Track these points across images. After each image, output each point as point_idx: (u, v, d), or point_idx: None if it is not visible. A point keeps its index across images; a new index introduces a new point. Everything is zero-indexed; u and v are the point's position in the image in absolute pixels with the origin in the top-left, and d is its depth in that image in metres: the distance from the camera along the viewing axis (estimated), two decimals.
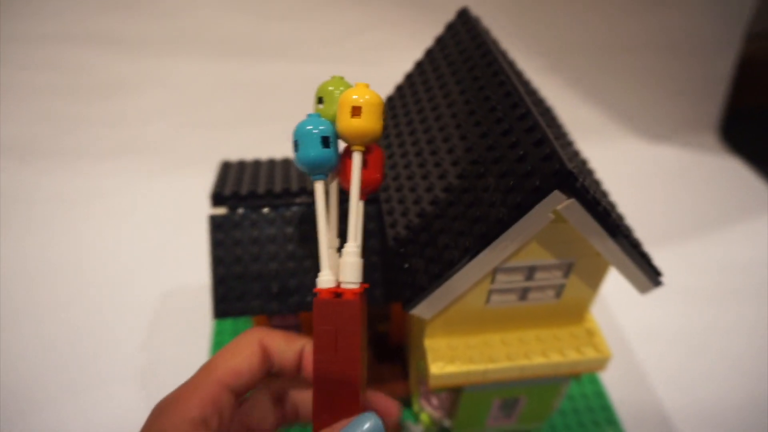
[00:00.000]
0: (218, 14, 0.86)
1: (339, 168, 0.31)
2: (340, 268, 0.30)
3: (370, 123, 0.29)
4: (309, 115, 0.30)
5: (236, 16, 0.85)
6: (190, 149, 0.85)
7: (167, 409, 0.26)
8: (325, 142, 0.29)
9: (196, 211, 0.74)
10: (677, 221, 0.80)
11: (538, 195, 0.29)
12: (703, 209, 0.83)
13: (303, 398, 0.33)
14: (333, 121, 0.30)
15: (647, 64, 1.00)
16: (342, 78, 0.32)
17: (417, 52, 0.50)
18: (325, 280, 0.29)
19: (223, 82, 0.88)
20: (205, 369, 0.28)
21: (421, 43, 0.50)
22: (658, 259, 0.37)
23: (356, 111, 0.28)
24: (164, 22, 0.84)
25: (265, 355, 0.30)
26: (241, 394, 0.29)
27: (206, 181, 0.79)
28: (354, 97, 0.28)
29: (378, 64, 0.90)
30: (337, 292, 0.29)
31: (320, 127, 0.29)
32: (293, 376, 0.31)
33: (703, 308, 0.66)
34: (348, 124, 0.29)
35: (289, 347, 0.31)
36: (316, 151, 0.29)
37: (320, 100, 0.31)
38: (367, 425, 0.26)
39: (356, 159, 0.30)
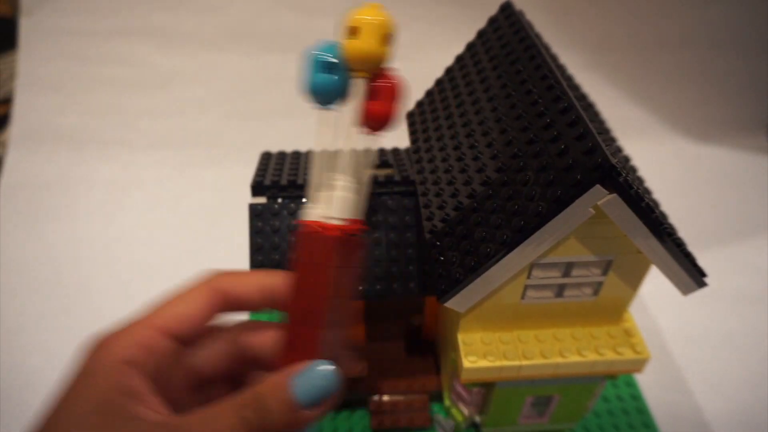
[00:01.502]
0: (263, 10, 0.88)
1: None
2: (328, 201, 0.27)
3: (367, 44, 0.26)
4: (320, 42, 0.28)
5: (281, 12, 0.87)
6: (234, 140, 0.87)
7: (99, 350, 0.26)
8: (329, 67, 0.27)
9: (239, 200, 0.76)
10: (723, 223, 0.78)
11: (578, 189, 0.29)
12: (751, 212, 0.80)
13: (261, 342, 0.30)
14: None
15: (694, 60, 0.97)
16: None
17: (458, 47, 0.50)
18: (309, 212, 0.27)
19: (267, 75, 0.90)
20: (146, 314, 0.27)
21: (463, 38, 0.50)
22: (702, 260, 0.36)
23: (353, 31, 0.26)
24: (211, 18, 0.87)
25: (218, 298, 0.29)
26: (187, 340, 0.28)
27: (250, 171, 0.81)
28: (355, 17, 0.26)
29: (419, 60, 0.90)
30: (322, 226, 0.27)
31: (323, 52, 0.27)
32: (258, 309, 0.30)
33: (747, 312, 0.64)
34: (345, 46, 0.26)
35: (249, 282, 0.29)
36: (315, 77, 0.27)
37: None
38: (318, 374, 0.25)
39: (357, 86, 0.28)
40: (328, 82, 0.27)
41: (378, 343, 0.55)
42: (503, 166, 0.36)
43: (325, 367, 0.25)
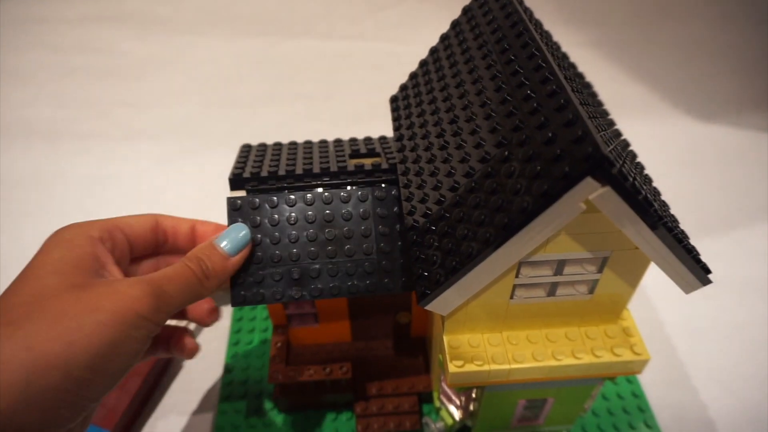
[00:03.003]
0: None
1: None
2: None
3: None
4: None
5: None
6: (214, 130, 0.84)
7: (73, 227, 0.34)
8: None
9: (221, 193, 0.72)
10: (730, 206, 0.74)
11: (567, 182, 0.26)
12: (759, 193, 0.76)
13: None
14: None
15: (697, 36, 0.92)
16: None
17: (445, 25, 0.46)
18: None
19: (248, 60, 0.86)
20: (104, 219, 0.36)
21: (454, 15, 0.46)
22: (708, 246, 0.33)
23: None
24: (188, 1, 0.83)
25: (158, 228, 0.39)
26: (134, 251, 0.38)
27: (231, 162, 0.78)
28: None
29: (403, 41, 0.86)
30: None
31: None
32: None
33: (756, 303, 0.61)
34: None
35: (183, 223, 0.41)
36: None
37: None
38: (235, 230, 0.38)
39: None
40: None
41: (364, 342, 0.53)
42: (487, 156, 0.32)
43: (239, 225, 0.39)
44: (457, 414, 0.46)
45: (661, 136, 0.86)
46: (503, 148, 0.31)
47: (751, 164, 0.82)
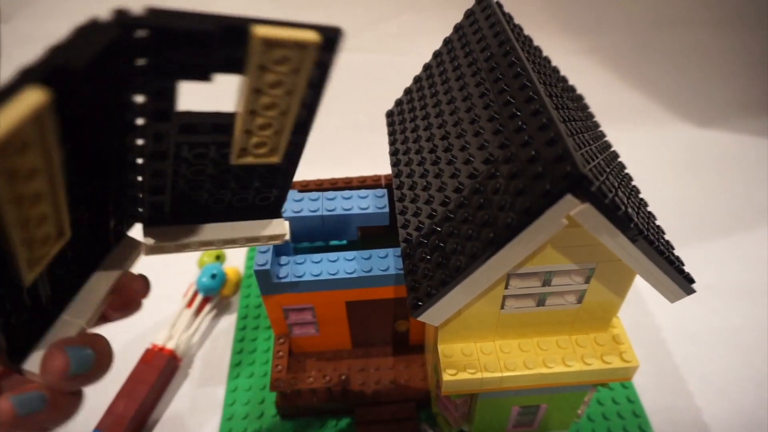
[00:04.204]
0: (245, 5, 0.85)
1: None
2: None
3: None
4: None
5: (259, 5, 0.84)
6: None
7: None
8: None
9: None
10: (726, 212, 0.75)
11: (548, 199, 0.27)
12: (755, 199, 0.77)
13: None
14: None
15: (693, 41, 0.93)
16: None
17: (444, 37, 0.48)
18: None
19: None
20: None
21: (449, 26, 0.47)
22: (703, 251, 0.34)
23: None
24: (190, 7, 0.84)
25: None
26: None
27: None
28: None
29: (403, 52, 0.87)
30: None
31: None
32: None
33: (751, 307, 0.61)
34: None
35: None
36: None
37: None
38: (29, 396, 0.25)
39: None
40: None
41: (364, 349, 0.54)
42: (475, 172, 0.34)
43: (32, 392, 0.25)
44: (453, 421, 0.47)
45: (659, 142, 0.86)
46: (490, 164, 0.33)
47: (749, 169, 0.82)
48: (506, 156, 0.31)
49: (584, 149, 0.33)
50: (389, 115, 0.51)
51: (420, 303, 0.33)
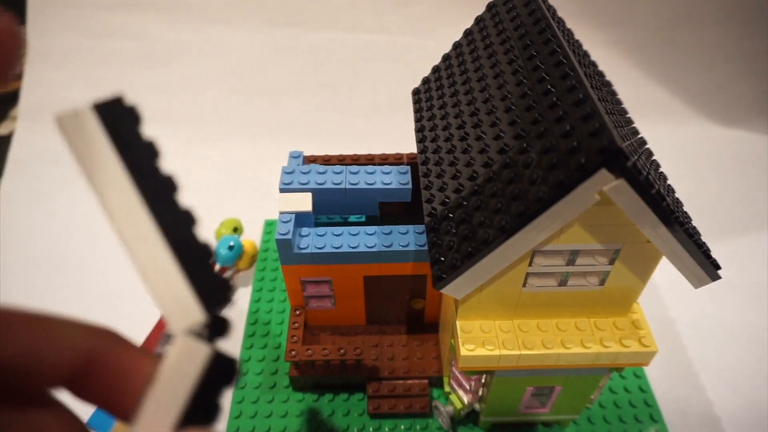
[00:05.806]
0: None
1: None
2: None
3: None
4: None
5: None
6: (238, 117, 0.86)
7: None
8: None
9: (241, 180, 0.75)
10: (746, 210, 0.74)
11: (582, 173, 0.27)
12: None
13: None
14: None
15: (721, 40, 0.92)
16: None
17: (469, 21, 0.48)
18: None
19: (273, 50, 0.88)
20: None
21: (477, 11, 0.47)
22: (722, 248, 0.34)
23: None
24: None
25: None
26: None
27: (255, 147, 0.80)
28: None
29: (427, 35, 0.87)
30: None
31: None
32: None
33: (765, 305, 0.61)
34: None
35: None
36: None
37: None
38: None
39: None
40: None
41: (378, 326, 0.54)
42: (506, 147, 0.34)
43: None
44: (466, 399, 0.47)
45: (681, 139, 0.86)
46: (522, 139, 0.32)
47: None
48: (539, 131, 0.31)
49: (618, 129, 0.32)
50: (416, 92, 0.50)
51: (444, 275, 0.34)
